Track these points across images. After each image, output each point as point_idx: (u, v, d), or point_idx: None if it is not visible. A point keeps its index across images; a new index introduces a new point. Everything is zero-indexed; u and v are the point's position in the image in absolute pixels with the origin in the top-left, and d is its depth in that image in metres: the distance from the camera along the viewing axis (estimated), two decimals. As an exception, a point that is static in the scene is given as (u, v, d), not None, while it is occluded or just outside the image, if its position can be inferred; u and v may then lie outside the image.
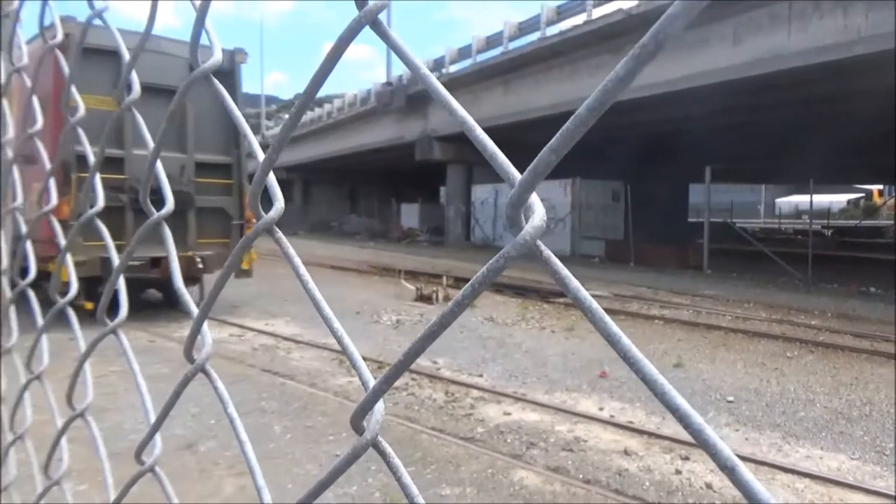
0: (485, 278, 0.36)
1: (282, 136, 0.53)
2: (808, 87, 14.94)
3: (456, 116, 0.41)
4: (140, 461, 0.72)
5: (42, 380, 1.04)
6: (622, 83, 0.31)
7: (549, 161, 0.34)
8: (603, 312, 0.34)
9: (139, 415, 5.52)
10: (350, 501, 4.00)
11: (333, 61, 0.47)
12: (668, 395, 0.31)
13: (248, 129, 0.64)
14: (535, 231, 0.34)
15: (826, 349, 8.68)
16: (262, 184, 0.54)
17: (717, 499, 4.24)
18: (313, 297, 0.52)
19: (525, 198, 0.35)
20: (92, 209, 0.87)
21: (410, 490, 0.45)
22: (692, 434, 0.30)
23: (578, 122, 0.33)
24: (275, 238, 0.56)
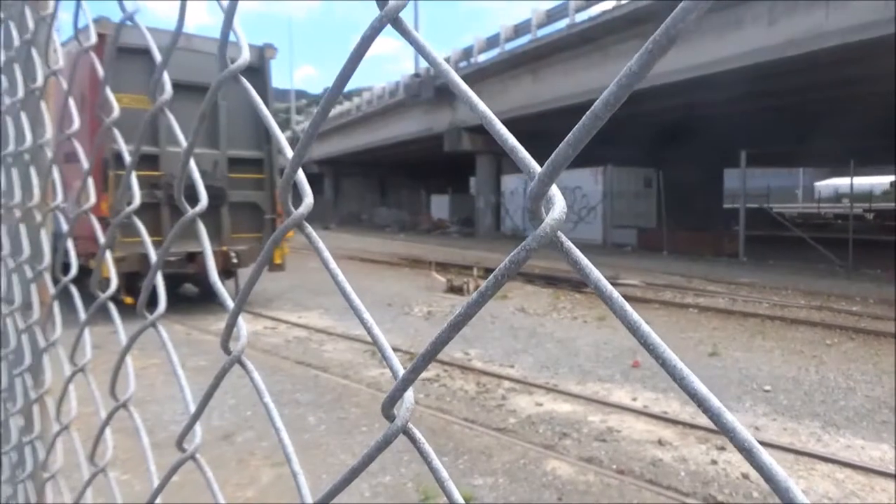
0: (507, 270, 0.37)
1: (309, 132, 0.54)
2: (847, 66, 14.49)
3: (476, 110, 0.41)
4: (181, 449, 0.74)
5: (86, 372, 1.08)
6: (636, 77, 0.31)
7: (566, 155, 0.34)
8: (623, 301, 0.35)
9: (178, 406, 5.65)
10: (383, 491, 4.05)
11: (357, 59, 0.48)
12: (687, 380, 0.31)
13: (275, 126, 0.65)
14: (555, 223, 0.35)
15: (867, 336, 8.46)
16: (291, 180, 0.55)
17: (755, 489, 4.18)
18: (343, 289, 0.53)
19: (545, 191, 0.36)
20: (129, 206, 0.89)
21: (440, 474, 0.46)
22: (711, 418, 0.31)
23: (594, 117, 0.33)
24: (304, 233, 0.57)
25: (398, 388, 0.46)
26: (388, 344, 0.52)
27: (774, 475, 0.28)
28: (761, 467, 0.29)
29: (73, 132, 1.03)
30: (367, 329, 0.52)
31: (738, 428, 0.30)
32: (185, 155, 0.70)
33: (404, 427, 0.46)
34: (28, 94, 1.14)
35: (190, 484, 3.96)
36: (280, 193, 0.55)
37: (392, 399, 0.46)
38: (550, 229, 0.35)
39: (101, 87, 0.93)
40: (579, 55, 19.54)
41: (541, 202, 0.36)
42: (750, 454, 0.29)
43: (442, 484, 0.46)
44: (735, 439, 0.30)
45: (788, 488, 0.28)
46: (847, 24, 12.35)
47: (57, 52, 1.09)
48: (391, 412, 0.47)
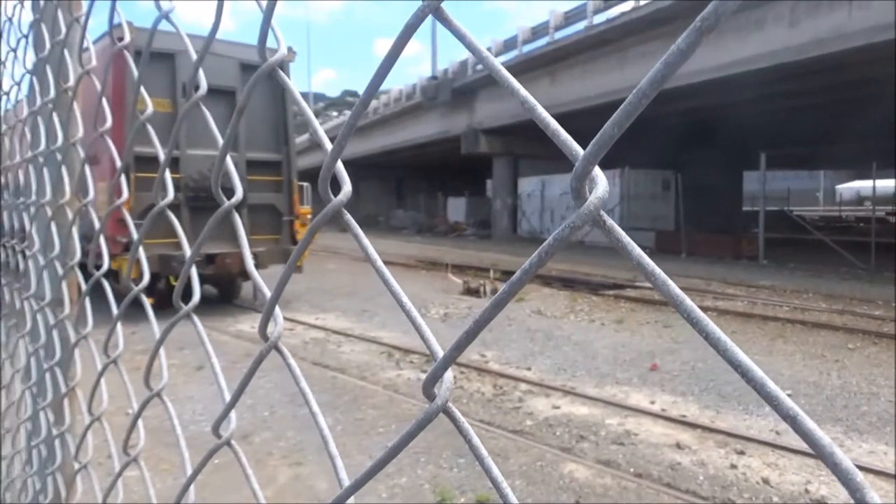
0: (550, 248, 0.39)
1: (350, 122, 0.55)
2: (869, 66, 14.27)
3: (518, 95, 0.42)
4: (217, 435, 0.76)
5: (118, 364, 1.10)
6: (683, 56, 0.32)
7: (611, 134, 0.35)
8: (666, 277, 0.35)
9: (197, 406, 5.71)
10: (400, 493, 4.06)
11: (400, 48, 0.49)
12: (731, 352, 0.32)
13: (313, 117, 0.66)
14: (598, 201, 0.36)
15: (890, 340, 8.32)
16: (332, 169, 0.56)
17: (775, 494, 4.13)
18: (382, 274, 0.54)
19: (589, 170, 0.37)
20: (163, 200, 0.92)
21: (480, 452, 0.47)
22: (754, 387, 0.31)
23: (640, 96, 0.33)
24: (344, 220, 0.58)
25: (439, 367, 0.46)
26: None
27: (818, 440, 0.29)
28: (805, 434, 0.30)
29: (107, 130, 1.05)
30: (406, 311, 0.53)
31: (781, 397, 0.30)
32: (221, 151, 0.71)
33: (444, 406, 0.47)
34: (60, 94, 1.17)
35: (208, 486, 4.01)
36: (320, 182, 0.56)
37: (433, 377, 0.47)
38: (595, 207, 0.36)
39: (130, 87, 0.95)
40: (597, 57, 19.46)
41: (585, 181, 0.37)
42: (794, 421, 0.30)
43: (482, 462, 0.47)
44: (779, 407, 0.30)
45: (833, 453, 0.29)
46: (870, 23, 12.18)
47: (90, 51, 1.12)
48: (432, 391, 0.47)
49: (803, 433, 0.30)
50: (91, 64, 1.10)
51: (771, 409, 0.31)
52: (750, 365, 0.31)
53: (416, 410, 5.68)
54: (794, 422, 0.30)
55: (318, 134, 0.62)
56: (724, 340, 0.32)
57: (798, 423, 0.30)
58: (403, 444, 0.49)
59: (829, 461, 0.29)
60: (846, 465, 0.28)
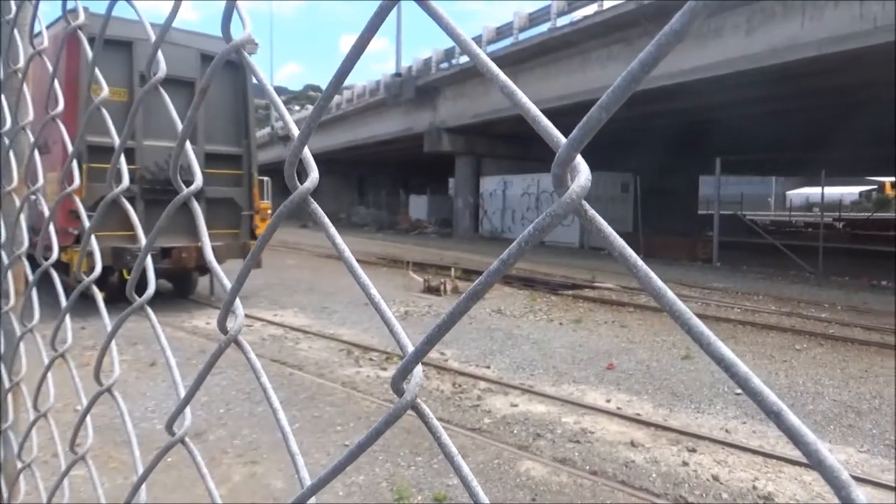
0: (531, 237, 0.37)
1: (319, 105, 0.54)
2: (821, 77, 14.79)
3: (498, 81, 0.41)
4: (171, 432, 0.73)
5: (66, 358, 1.06)
6: (676, 37, 0.31)
7: (599, 118, 0.34)
8: (648, 269, 0.35)
9: (149, 403, 5.58)
10: (357, 491, 4.04)
11: (373, 30, 0.47)
12: (714, 346, 0.32)
13: (279, 101, 0.64)
14: (581, 190, 0.35)
15: (836, 342, 8.64)
16: (298, 155, 0.55)
17: (724, 491, 4.24)
18: (350, 266, 0.53)
19: (573, 156, 0.35)
20: (118, 187, 0.88)
21: (449, 450, 0.46)
22: (738, 382, 0.32)
23: (630, 79, 0.32)
24: (310, 209, 0.57)
25: (410, 361, 0.45)
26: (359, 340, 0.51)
27: (803, 437, 0.29)
28: (789, 430, 0.30)
29: (59, 112, 1.01)
30: (374, 304, 0.52)
31: (765, 392, 0.31)
32: (182, 134, 0.69)
33: (413, 402, 0.46)
34: (9, 76, 1.12)
35: (157, 485, 3.91)
36: (287, 167, 0.55)
37: (404, 372, 0.46)
38: (576, 196, 0.35)
39: (84, 72, 0.92)
40: (560, 59, 19.67)
41: (567, 168, 0.36)
42: (778, 417, 0.30)
43: (451, 459, 0.46)
44: (763, 403, 0.30)
45: (818, 450, 0.29)
46: (822, 35, 12.60)
47: (42, 32, 1.07)
48: (401, 387, 0.46)
49: (787, 429, 0.29)
50: (43, 45, 1.06)
51: (755, 403, 0.31)
52: (734, 360, 0.31)
53: (374, 408, 5.66)
54: (777, 418, 0.30)
55: (285, 118, 0.60)
56: (707, 335, 0.32)
57: (782, 419, 0.30)
58: (371, 440, 0.48)
59: (813, 458, 0.29)
60: (830, 463, 0.28)
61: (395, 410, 0.45)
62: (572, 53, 19.16)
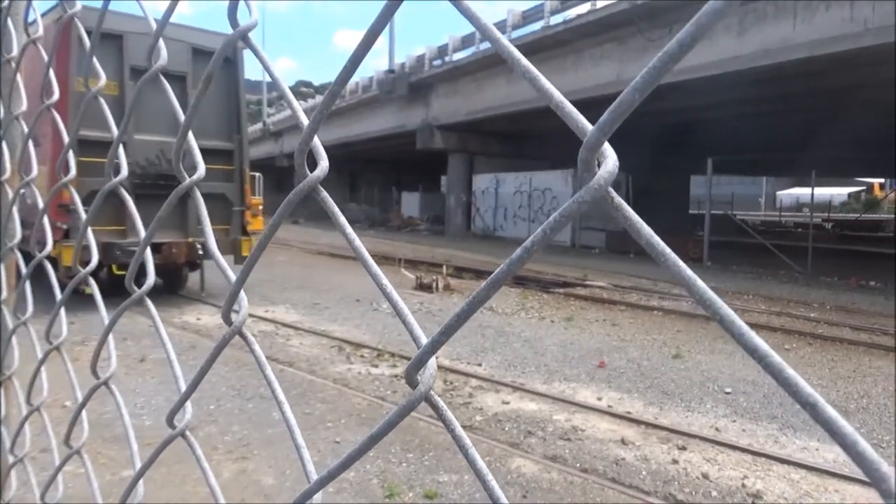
0: (556, 224, 0.37)
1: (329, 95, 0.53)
2: (812, 79, 14.87)
3: (518, 67, 0.41)
4: (171, 426, 0.73)
5: (61, 352, 1.05)
6: (717, 15, 0.30)
7: (631, 101, 0.33)
8: (676, 257, 0.35)
9: (139, 399, 5.55)
10: (348, 487, 4.03)
11: (384, 22, 0.46)
12: (747, 336, 0.31)
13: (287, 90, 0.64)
14: (609, 176, 0.35)
15: (824, 342, 8.70)
16: (309, 143, 0.54)
17: (714, 488, 4.27)
18: (361, 256, 0.52)
19: (601, 141, 0.35)
20: (117, 177, 0.88)
21: (464, 442, 0.45)
22: (772, 372, 0.31)
23: (667, 59, 0.32)
24: (319, 198, 0.56)
25: (425, 352, 0.45)
26: (354, 337, 0.51)
27: (840, 429, 0.29)
28: (826, 422, 0.29)
29: (54, 102, 1.00)
30: (387, 295, 0.52)
31: (800, 383, 0.30)
32: (184, 123, 0.68)
33: (426, 394, 0.45)
34: (3, 65, 1.11)
35: (147, 480, 3.89)
36: (297, 155, 0.54)
37: (418, 363, 0.45)
38: (605, 181, 0.35)
39: (74, 65, 0.90)
40: (554, 57, 19.68)
41: (596, 153, 0.35)
42: (814, 409, 0.29)
43: (465, 452, 0.45)
44: (798, 394, 0.30)
45: (856, 442, 0.28)
46: (814, 37, 12.67)
47: (37, 21, 1.06)
48: (415, 378, 0.45)
49: (824, 421, 0.29)
50: (38, 33, 1.04)
51: (789, 395, 0.30)
52: (767, 350, 0.30)
53: (365, 405, 5.65)
54: (813, 409, 0.29)
55: (293, 106, 0.60)
56: (740, 325, 0.31)
57: (818, 411, 0.29)
58: (384, 432, 0.47)
59: (851, 451, 0.28)
60: (870, 455, 0.28)
61: (409, 402, 0.45)
62: (566, 52, 19.18)
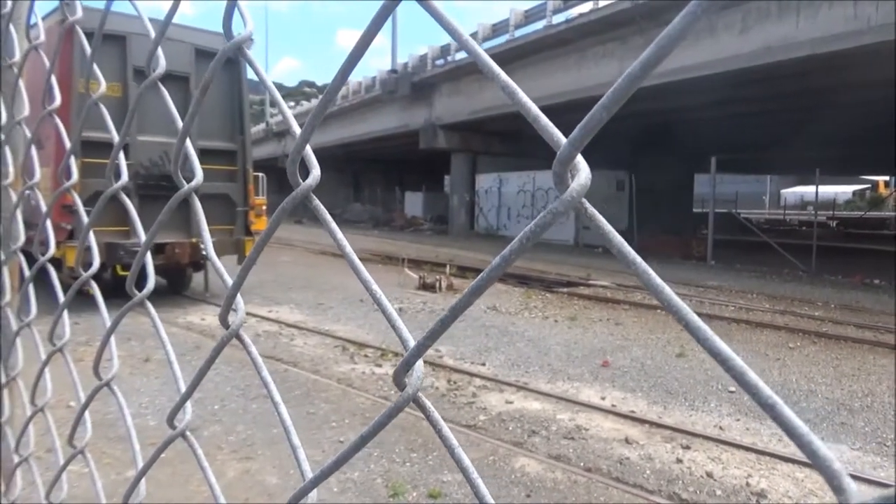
0: (532, 234, 0.38)
1: (323, 102, 0.53)
2: (815, 76, 14.84)
3: (498, 80, 0.42)
4: (172, 426, 0.73)
5: (64, 353, 1.06)
6: (676, 39, 0.31)
7: (600, 118, 0.35)
8: (646, 266, 0.36)
9: (142, 399, 5.56)
10: (352, 487, 4.04)
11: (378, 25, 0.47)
12: (711, 341, 0.32)
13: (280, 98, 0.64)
14: (581, 188, 0.36)
15: (829, 340, 8.68)
16: (301, 153, 0.55)
17: (718, 487, 4.26)
18: (352, 262, 0.53)
19: (574, 154, 0.36)
20: (118, 182, 0.88)
21: (450, 442, 0.46)
22: (734, 376, 0.31)
23: (630, 79, 0.33)
24: (311, 206, 0.57)
25: (412, 355, 0.46)
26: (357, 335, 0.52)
27: (796, 429, 0.30)
28: (783, 422, 0.30)
29: (55, 108, 1.01)
30: (376, 299, 0.52)
31: (760, 385, 0.31)
32: (183, 129, 0.69)
33: (414, 396, 0.46)
34: (5, 70, 1.12)
35: (151, 480, 3.90)
36: (289, 164, 0.55)
37: (405, 366, 0.46)
38: (577, 194, 0.36)
39: (77, 68, 0.91)
40: (556, 56, 19.66)
41: (568, 166, 0.36)
42: (773, 410, 0.30)
43: (452, 451, 0.46)
44: (758, 396, 0.31)
45: (811, 441, 0.29)
46: (816, 34, 12.64)
47: (38, 26, 1.07)
48: (403, 381, 0.47)
49: (781, 422, 0.30)
50: (39, 39, 1.05)
51: (749, 397, 0.31)
52: (730, 354, 0.31)
53: (369, 405, 5.66)
54: (772, 410, 0.30)
55: (286, 116, 0.60)
56: (704, 330, 0.32)
57: (776, 412, 0.30)
58: (373, 433, 0.48)
59: (806, 449, 0.29)
60: (823, 453, 0.29)
61: (397, 404, 0.46)
62: (568, 51, 19.16)
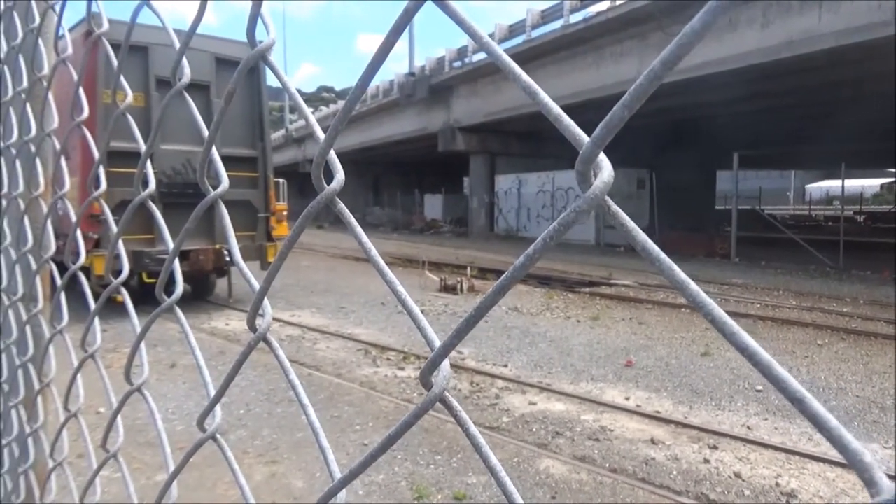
0: (555, 232, 0.38)
1: (346, 107, 0.54)
2: (839, 69, 14.60)
3: (519, 81, 0.42)
4: (202, 429, 0.75)
5: (96, 359, 1.08)
6: (698, 36, 0.31)
7: (621, 117, 0.35)
8: (671, 262, 0.36)
9: (170, 404, 5.64)
10: (377, 490, 4.05)
11: (399, 32, 0.48)
12: (738, 336, 0.32)
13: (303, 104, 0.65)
14: (604, 186, 0.36)
15: (858, 337, 8.52)
16: (325, 157, 0.56)
17: (746, 488, 4.20)
18: (376, 264, 0.54)
19: (596, 153, 0.36)
20: (145, 190, 0.90)
21: (478, 441, 0.47)
22: (762, 370, 0.31)
23: (652, 77, 0.33)
24: (336, 209, 0.58)
25: (438, 355, 0.46)
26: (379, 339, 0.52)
27: (826, 422, 0.29)
28: (812, 416, 0.30)
29: (84, 119, 1.03)
30: (401, 301, 0.53)
31: (788, 379, 0.31)
32: (209, 137, 0.70)
33: (441, 395, 0.46)
34: (34, 83, 1.14)
35: (179, 484, 3.95)
36: (314, 168, 0.56)
37: (432, 365, 0.46)
38: (600, 192, 0.36)
39: (101, 79, 0.92)
40: (574, 56, 19.58)
41: (591, 165, 0.37)
42: (801, 404, 0.30)
43: (479, 450, 0.46)
44: (786, 390, 0.30)
45: (842, 436, 0.29)
46: (839, 27, 12.43)
47: (65, 38, 1.09)
48: (429, 380, 0.47)
49: (810, 415, 0.29)
50: (67, 52, 1.07)
51: (778, 391, 0.30)
52: (757, 349, 0.31)
53: (392, 408, 5.67)
54: (801, 404, 0.30)
55: (310, 121, 0.61)
56: (731, 325, 0.32)
57: (805, 406, 0.30)
58: (400, 433, 0.48)
59: (837, 443, 0.29)
60: (854, 447, 0.28)
61: (424, 403, 0.46)
62: (586, 50, 19.06)
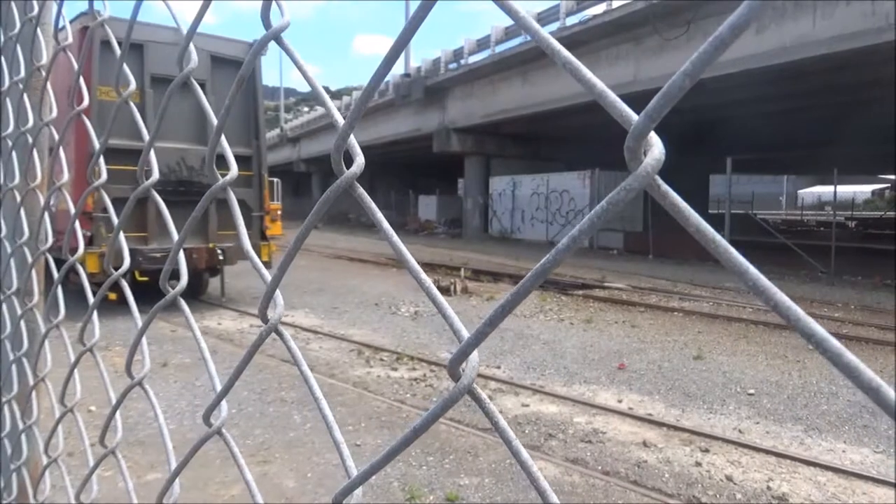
0: (604, 212, 0.37)
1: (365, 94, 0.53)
2: (832, 75, 14.68)
3: (558, 58, 0.40)
4: (208, 424, 0.74)
5: (94, 353, 1.07)
6: None
7: (681, 86, 0.33)
8: (728, 245, 0.34)
9: (161, 403, 5.60)
10: (369, 491, 4.04)
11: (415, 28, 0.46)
12: (803, 322, 0.30)
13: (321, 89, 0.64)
14: (655, 163, 0.35)
15: (849, 342, 8.56)
16: (346, 140, 0.55)
17: (738, 491, 4.21)
18: (399, 251, 0.52)
19: (649, 128, 0.34)
20: (148, 180, 0.90)
21: (507, 434, 0.45)
22: (830, 358, 0.29)
23: (717, 44, 0.31)
24: (356, 194, 0.57)
25: (469, 344, 0.44)
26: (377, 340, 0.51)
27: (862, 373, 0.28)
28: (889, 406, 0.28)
29: (84, 108, 1.02)
30: (425, 289, 0.51)
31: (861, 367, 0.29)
32: (216, 130, 0.69)
33: (469, 387, 0.45)
34: (31, 73, 1.13)
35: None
36: (333, 152, 0.55)
37: (462, 355, 0.45)
38: (651, 169, 0.35)
39: (95, 74, 0.91)
40: (569, 59, 19.59)
41: (643, 141, 0.35)
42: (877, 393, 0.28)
43: (509, 445, 0.45)
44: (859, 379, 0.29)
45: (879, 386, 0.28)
46: (834, 33, 12.50)
47: (66, 28, 1.08)
48: (457, 371, 0.45)
49: (886, 406, 0.28)
50: (68, 40, 1.06)
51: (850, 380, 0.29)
52: (825, 335, 0.29)
53: (385, 408, 5.66)
54: (876, 394, 0.28)
55: (328, 105, 0.60)
56: (796, 310, 0.30)
57: (881, 396, 0.28)
58: (427, 425, 0.47)
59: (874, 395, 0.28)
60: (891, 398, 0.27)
61: (452, 395, 0.44)
62: (581, 53, 19.08)
